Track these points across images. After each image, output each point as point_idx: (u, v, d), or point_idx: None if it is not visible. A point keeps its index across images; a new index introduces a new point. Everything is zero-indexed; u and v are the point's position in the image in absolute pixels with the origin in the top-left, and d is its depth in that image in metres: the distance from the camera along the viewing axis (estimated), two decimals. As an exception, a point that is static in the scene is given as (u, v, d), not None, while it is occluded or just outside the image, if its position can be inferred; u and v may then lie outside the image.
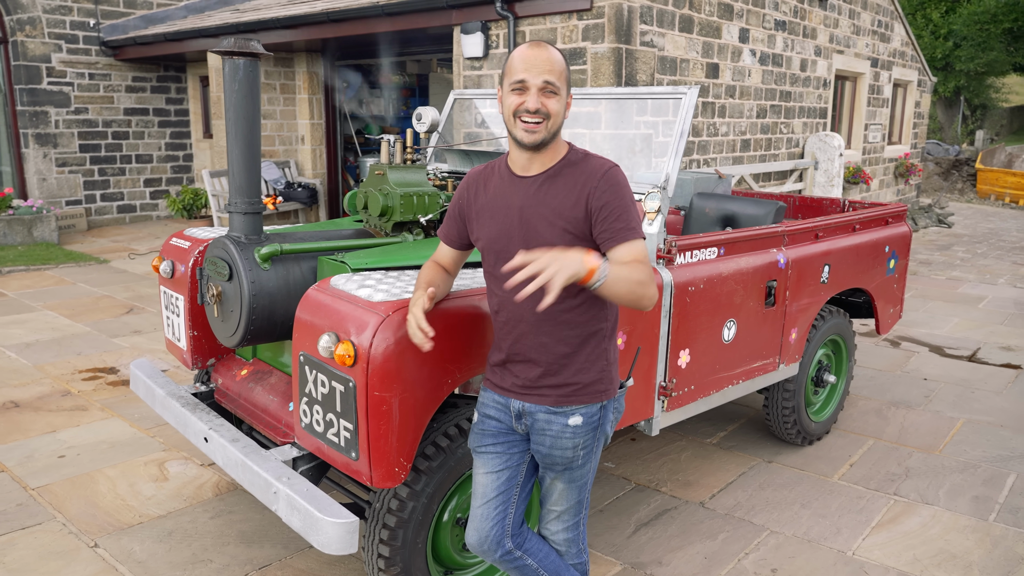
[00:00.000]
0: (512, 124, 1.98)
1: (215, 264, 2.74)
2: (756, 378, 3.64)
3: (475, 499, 2.22)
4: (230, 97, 2.62)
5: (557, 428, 2.08)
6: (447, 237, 2.25)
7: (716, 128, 8.01)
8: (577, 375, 2.07)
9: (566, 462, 2.11)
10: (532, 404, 2.09)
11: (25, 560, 3.04)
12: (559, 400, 2.07)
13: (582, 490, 2.20)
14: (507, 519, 2.19)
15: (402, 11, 7.55)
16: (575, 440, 2.08)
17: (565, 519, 2.23)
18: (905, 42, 12.69)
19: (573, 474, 2.15)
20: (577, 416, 2.07)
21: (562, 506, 2.21)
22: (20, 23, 10.48)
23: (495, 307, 2.13)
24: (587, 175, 1.99)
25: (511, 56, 2.00)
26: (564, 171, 2.02)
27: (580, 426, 2.08)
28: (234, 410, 3.04)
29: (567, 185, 2.00)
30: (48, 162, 10.95)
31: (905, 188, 13.71)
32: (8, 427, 4.29)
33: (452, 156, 3.95)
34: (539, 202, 2.01)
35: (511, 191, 2.06)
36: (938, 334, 6.52)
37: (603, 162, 2.02)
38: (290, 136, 11.04)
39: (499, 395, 2.15)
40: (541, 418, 2.09)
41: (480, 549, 2.21)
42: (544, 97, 1.95)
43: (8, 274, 8.18)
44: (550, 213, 2.00)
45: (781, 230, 3.62)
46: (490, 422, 2.17)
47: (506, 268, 1.89)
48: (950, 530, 3.43)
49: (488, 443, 2.18)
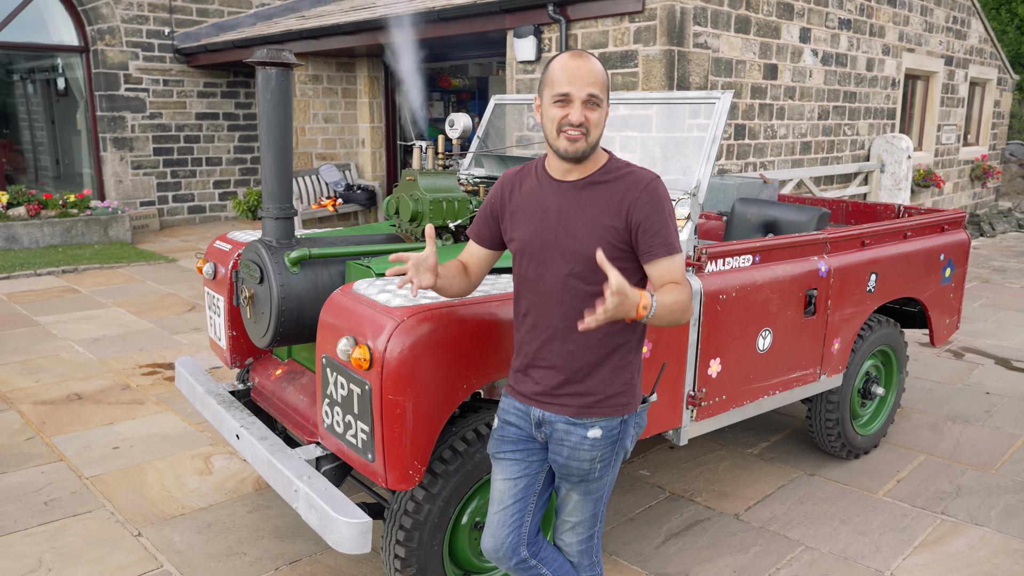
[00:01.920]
0: (554, 137, 1.97)
1: (248, 267, 2.83)
2: (794, 389, 3.54)
3: (492, 505, 2.23)
4: (263, 106, 2.70)
5: (576, 439, 2.06)
6: (477, 235, 2.23)
7: (774, 130, 7.82)
8: (600, 386, 2.05)
9: (583, 474, 2.10)
10: (552, 413, 2.08)
11: (73, 545, 3.21)
12: (579, 411, 2.05)
13: (598, 503, 2.18)
14: (523, 527, 2.19)
15: (457, 16, 7.63)
16: (593, 453, 2.07)
17: (579, 531, 2.22)
18: (983, 38, 12.13)
19: (589, 486, 2.14)
20: (597, 429, 2.05)
21: (577, 517, 2.20)
22: (100, 33, 11.02)
23: (523, 310, 2.11)
24: (629, 186, 1.99)
25: (551, 66, 1.97)
26: (605, 179, 2.01)
27: (599, 439, 2.06)
28: (268, 408, 3.13)
29: (608, 194, 1.99)
30: (124, 165, 11.47)
31: (982, 191, 13.11)
32: (70, 418, 4.52)
33: (489, 161, 3.98)
34: (578, 208, 2.00)
35: (548, 194, 2.05)
36: (1006, 345, 6.21)
37: (645, 174, 2.01)
38: (351, 139, 11.29)
39: (520, 402, 2.14)
40: (560, 428, 2.07)
41: (495, 556, 2.21)
42: (587, 110, 1.93)
43: (84, 271, 8.61)
44: (589, 220, 1.99)
45: (823, 237, 3.52)
46: (510, 428, 2.17)
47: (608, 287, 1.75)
48: (999, 553, 3.27)
49: (507, 450, 2.18)
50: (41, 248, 9.64)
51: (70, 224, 9.93)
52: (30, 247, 9.63)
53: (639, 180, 1.99)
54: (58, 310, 6.93)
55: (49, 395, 4.87)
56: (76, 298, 7.41)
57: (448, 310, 2.35)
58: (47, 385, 5.04)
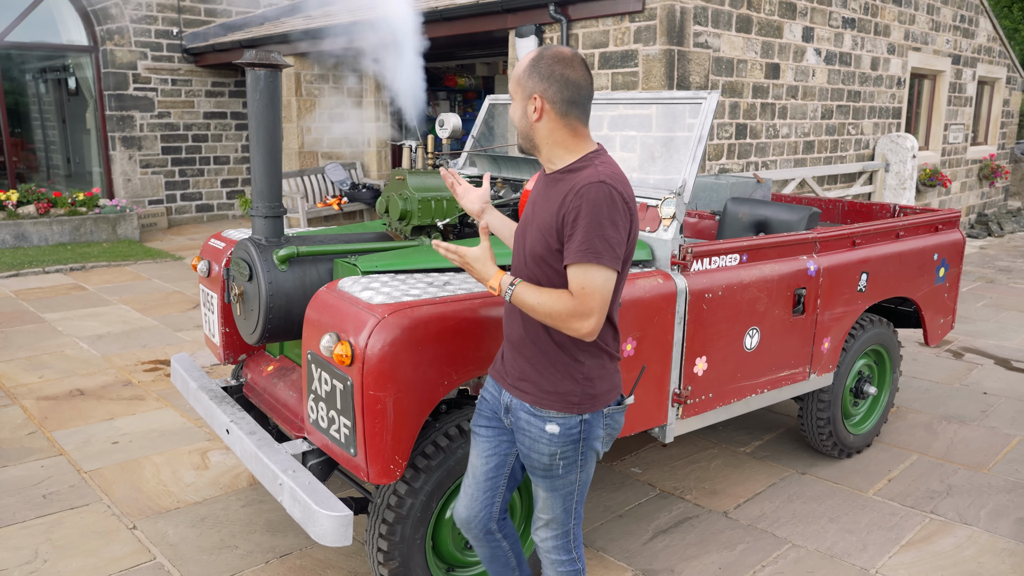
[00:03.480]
0: None
1: (238, 265, 2.88)
2: (783, 387, 3.56)
3: (467, 477, 2.35)
4: (252, 106, 2.75)
5: (536, 431, 2.10)
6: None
7: (776, 130, 7.81)
8: (551, 382, 2.07)
9: (544, 469, 2.13)
10: (516, 400, 2.13)
11: (69, 538, 3.27)
12: (537, 400, 2.09)
13: (567, 500, 2.20)
14: (494, 505, 2.33)
15: (459, 15, 7.67)
16: (552, 448, 2.09)
17: (553, 527, 2.25)
18: (992, 37, 12.06)
19: (554, 483, 2.16)
20: (555, 424, 2.08)
21: (547, 515, 2.24)
22: (109, 32, 11.12)
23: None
24: (571, 187, 1.96)
25: None
26: (564, 177, 2.02)
27: (556, 436, 2.08)
28: (259, 404, 3.18)
29: (556, 193, 2.01)
30: (133, 163, 11.58)
31: (990, 191, 13.03)
32: (72, 414, 4.59)
33: (483, 161, 4.02)
34: (536, 205, 2.08)
35: (536, 188, 2.16)
36: (1007, 346, 6.19)
37: (588, 176, 1.94)
38: (357, 138, 11.34)
39: (495, 380, 2.26)
40: (523, 417, 2.13)
41: (466, 527, 2.37)
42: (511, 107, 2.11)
43: (91, 269, 8.71)
44: (538, 218, 2.05)
45: (812, 237, 3.53)
46: (484, 404, 2.30)
47: (435, 245, 2.13)
48: (985, 552, 3.28)
49: (481, 424, 2.30)
50: (50, 246, 9.75)
51: (79, 222, 10.04)
52: (39, 245, 9.75)
53: (579, 181, 1.94)
54: (64, 307, 7.02)
55: (52, 391, 4.94)
56: (83, 295, 7.51)
57: (429, 307, 2.38)
58: (50, 381, 5.12)
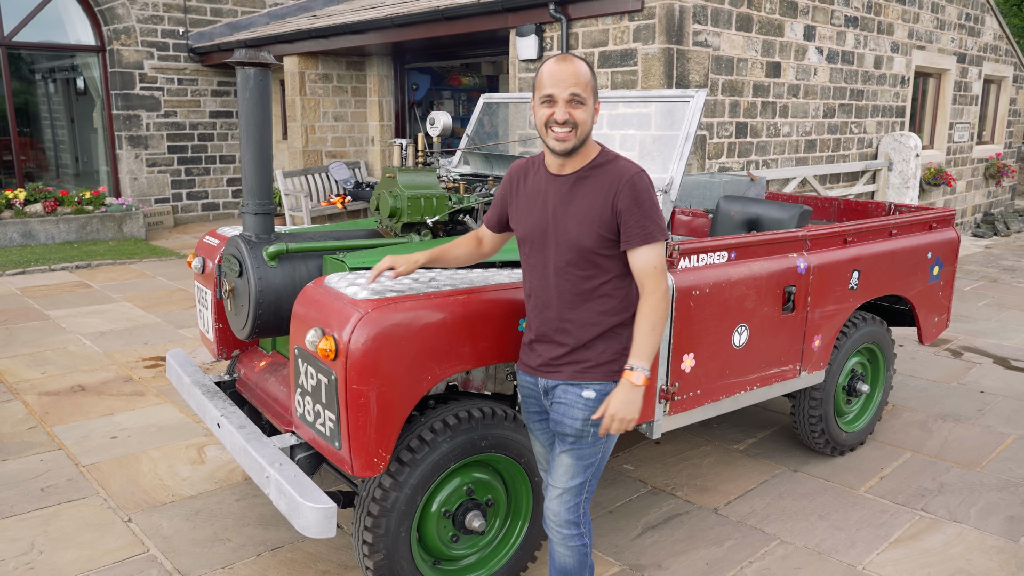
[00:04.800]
0: (544, 133, 2.19)
1: (229, 261, 2.92)
2: (773, 385, 3.57)
3: (543, 473, 2.59)
4: (242, 105, 2.79)
5: (572, 398, 2.26)
6: (488, 221, 2.52)
7: (777, 128, 7.81)
8: (594, 355, 2.26)
9: (576, 433, 2.26)
10: (553, 380, 2.29)
11: (65, 530, 3.32)
12: (575, 375, 2.26)
13: (587, 471, 2.32)
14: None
15: (460, 15, 7.70)
16: (586, 412, 2.24)
17: (566, 499, 2.33)
18: (998, 35, 12.00)
19: (582, 451, 2.29)
20: (591, 390, 2.25)
21: (564, 484, 2.32)
22: (116, 33, 11.21)
23: (528, 291, 2.36)
24: (614, 178, 2.17)
25: (540, 71, 2.18)
26: (593, 173, 2.21)
27: (592, 400, 2.24)
28: (251, 399, 3.22)
29: (596, 186, 2.19)
30: (139, 162, 11.67)
31: (997, 190, 12.96)
32: (72, 409, 4.64)
33: (476, 159, 4.04)
34: (569, 201, 2.21)
35: (546, 187, 2.26)
36: (1007, 345, 6.18)
37: (629, 167, 2.18)
38: (361, 137, 11.40)
39: (528, 375, 2.38)
40: (559, 389, 2.29)
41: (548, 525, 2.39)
42: (571, 108, 2.13)
43: (97, 267, 8.79)
44: (580, 212, 2.19)
45: (802, 234, 3.55)
46: (530, 401, 2.44)
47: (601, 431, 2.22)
48: (974, 550, 3.28)
49: (533, 418, 2.47)
50: (57, 244, 9.84)
51: (85, 220, 10.13)
52: (46, 243, 9.84)
53: (622, 172, 2.17)
54: (69, 304, 7.09)
55: (54, 386, 5.00)
56: (87, 293, 7.58)
57: (413, 303, 2.42)
58: (52, 377, 5.18)
